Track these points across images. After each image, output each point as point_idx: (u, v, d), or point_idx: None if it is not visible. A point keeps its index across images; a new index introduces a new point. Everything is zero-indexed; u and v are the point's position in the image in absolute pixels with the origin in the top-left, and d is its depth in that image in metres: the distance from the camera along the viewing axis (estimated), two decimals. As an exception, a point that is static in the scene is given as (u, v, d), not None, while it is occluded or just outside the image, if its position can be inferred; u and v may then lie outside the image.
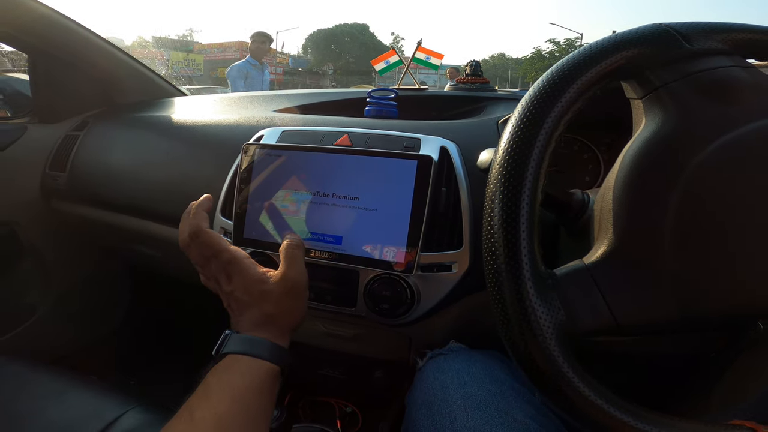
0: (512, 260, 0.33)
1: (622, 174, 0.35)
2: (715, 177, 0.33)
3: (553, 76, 0.36)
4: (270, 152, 0.61)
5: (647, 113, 0.37)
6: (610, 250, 0.35)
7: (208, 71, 27.26)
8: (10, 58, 1.80)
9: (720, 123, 0.34)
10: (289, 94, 0.93)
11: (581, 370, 0.33)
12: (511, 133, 0.36)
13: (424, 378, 0.56)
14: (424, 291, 0.57)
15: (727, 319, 0.35)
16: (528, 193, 0.34)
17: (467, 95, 0.89)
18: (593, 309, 0.34)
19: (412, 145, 0.59)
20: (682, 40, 0.35)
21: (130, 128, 0.93)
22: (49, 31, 0.95)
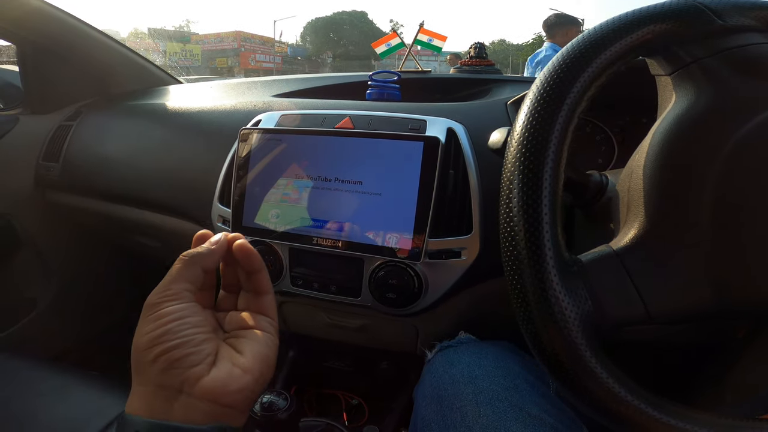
0: (534, 246, 0.31)
1: (653, 151, 0.34)
2: (752, 156, 0.32)
3: (577, 48, 0.34)
4: (268, 137, 0.58)
5: (678, 89, 0.35)
6: (642, 233, 0.33)
7: (206, 61, 27.14)
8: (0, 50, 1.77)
9: (757, 100, 0.32)
10: (287, 79, 0.91)
11: (611, 364, 0.30)
12: (530, 109, 0.33)
13: (433, 371, 0.54)
14: (432, 279, 0.55)
15: (759, 305, 0.33)
16: (550, 173, 0.31)
17: (472, 77, 0.87)
18: (624, 298, 0.31)
19: (418, 127, 0.56)
20: (714, 16, 0.34)
21: (125, 117, 0.91)
22: (42, 23, 0.93)
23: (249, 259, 0.36)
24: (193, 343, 0.30)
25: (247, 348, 0.33)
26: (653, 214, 0.33)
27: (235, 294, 0.39)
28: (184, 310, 0.31)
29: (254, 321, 0.36)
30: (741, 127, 0.32)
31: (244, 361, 0.32)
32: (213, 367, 0.30)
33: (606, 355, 0.31)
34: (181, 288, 0.32)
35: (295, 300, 0.65)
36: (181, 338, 0.30)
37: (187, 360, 0.29)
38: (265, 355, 0.33)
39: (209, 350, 0.31)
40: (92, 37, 1.01)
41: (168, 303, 0.31)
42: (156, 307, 0.31)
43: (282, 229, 0.57)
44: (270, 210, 0.57)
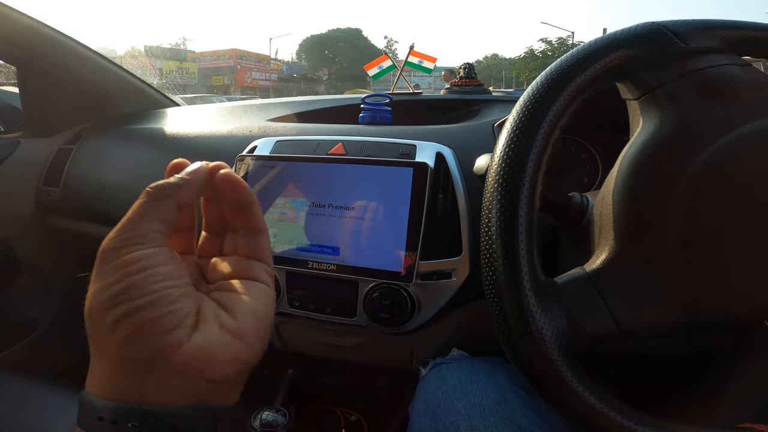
0: (511, 270, 0.33)
1: (621, 178, 0.35)
2: (716, 178, 0.33)
3: (547, 79, 0.36)
4: (264, 163, 0.60)
5: (644, 114, 0.36)
6: (611, 256, 0.34)
7: (203, 79, 27.27)
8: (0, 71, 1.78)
9: (720, 123, 0.34)
10: (282, 102, 0.93)
11: (586, 378, 0.32)
12: (506, 140, 0.35)
13: (427, 387, 0.55)
14: (424, 299, 0.56)
15: (732, 319, 0.35)
16: (525, 200, 0.33)
17: (462, 98, 0.89)
18: (596, 316, 0.33)
19: (408, 152, 0.58)
20: (677, 39, 0.35)
21: (124, 141, 0.92)
22: (36, 42, 0.93)
23: (237, 191, 0.28)
24: (167, 301, 0.23)
25: (239, 305, 0.26)
26: (621, 239, 0.34)
27: (220, 236, 0.31)
28: (153, 257, 0.24)
29: (246, 268, 0.29)
30: (703, 151, 0.33)
31: (235, 322, 0.25)
32: (195, 331, 0.24)
33: (584, 369, 0.32)
34: (149, 228, 0.24)
35: (292, 320, 0.66)
36: (151, 294, 0.23)
37: (161, 323, 0.22)
38: (262, 314, 0.27)
39: (189, 309, 0.24)
40: (89, 58, 1.02)
41: (131, 248, 0.23)
42: (115, 253, 0.23)
43: (279, 251, 0.59)
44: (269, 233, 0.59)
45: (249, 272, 0.28)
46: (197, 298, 0.25)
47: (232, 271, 0.28)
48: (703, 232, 0.33)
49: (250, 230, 0.29)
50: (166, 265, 0.24)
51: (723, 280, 0.33)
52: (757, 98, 0.34)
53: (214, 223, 0.31)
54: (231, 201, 0.29)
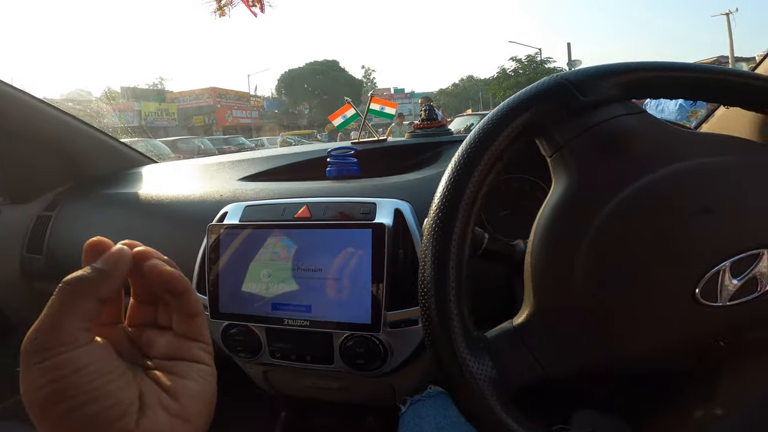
0: (444, 329, 0.35)
1: (536, 240, 0.37)
2: (617, 234, 0.35)
3: (465, 150, 0.37)
4: (234, 231, 0.64)
5: (555, 174, 0.38)
6: (532, 311, 0.37)
7: (183, 120, 27.02)
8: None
9: (617, 178, 0.35)
10: (252, 158, 0.97)
11: (519, 415, 0.34)
12: (433, 212, 0.37)
13: (405, 424, 0.59)
14: (395, 345, 0.60)
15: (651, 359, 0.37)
16: (454, 268, 0.35)
17: (424, 142, 0.93)
18: (524, 366, 0.35)
19: (368, 211, 0.62)
20: (576, 92, 0.36)
21: (101, 207, 0.95)
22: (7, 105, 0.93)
23: (167, 282, 0.27)
24: (107, 394, 0.23)
25: (181, 388, 0.26)
26: (539, 296, 0.36)
27: (152, 305, 0.30)
28: (84, 356, 0.23)
29: (185, 348, 0.28)
30: (602, 209, 0.35)
31: (180, 406, 0.25)
32: (142, 416, 0.23)
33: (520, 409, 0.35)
34: (73, 327, 0.24)
35: (277, 368, 0.69)
36: (90, 392, 0.22)
37: (106, 415, 0.22)
38: (206, 395, 0.27)
39: (131, 397, 0.24)
40: (58, 118, 1.03)
41: (59, 349, 0.23)
42: (42, 354, 0.23)
43: (255, 312, 0.62)
44: (240, 294, 0.63)
45: (188, 353, 0.28)
46: (137, 382, 0.25)
47: (171, 352, 0.28)
48: (607, 283, 0.35)
49: (185, 314, 0.28)
50: (99, 362, 0.24)
51: (632, 323, 0.35)
52: (651, 148, 0.36)
53: (144, 293, 0.30)
54: (161, 290, 0.28)
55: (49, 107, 1.02)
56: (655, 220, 0.35)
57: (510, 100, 0.38)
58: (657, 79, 0.39)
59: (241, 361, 0.69)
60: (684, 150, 0.36)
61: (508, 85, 25.78)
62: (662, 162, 0.36)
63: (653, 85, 0.39)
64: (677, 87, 0.40)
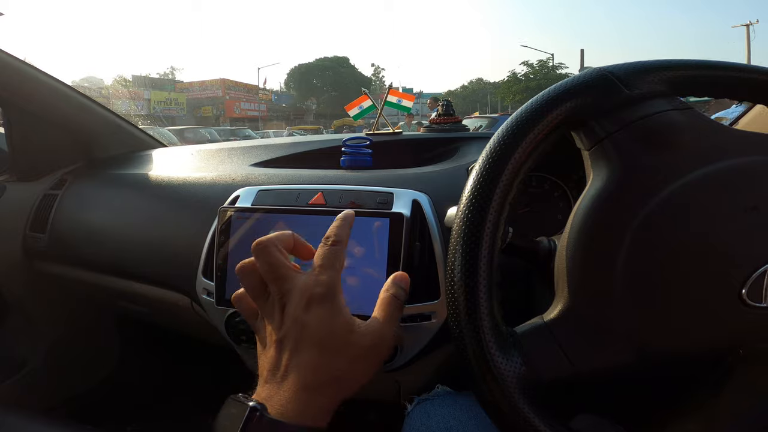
0: (473, 323, 0.34)
1: (573, 233, 0.36)
2: (660, 230, 0.34)
3: (500, 140, 0.36)
4: (246, 215, 0.62)
5: (594, 167, 0.37)
6: (566, 307, 0.36)
7: (191, 110, 27.15)
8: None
9: (661, 174, 0.34)
10: (265, 145, 0.95)
11: (546, 414, 0.33)
12: (465, 202, 0.36)
13: (411, 423, 0.57)
14: (406, 340, 0.58)
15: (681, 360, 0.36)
16: (485, 259, 0.35)
17: (440, 137, 0.92)
18: (554, 362, 0.34)
19: (385, 200, 0.60)
20: (621, 85, 0.35)
21: (110, 187, 0.94)
22: (17, 81, 0.94)
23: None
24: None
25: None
26: (573, 291, 0.35)
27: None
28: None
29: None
30: (647, 203, 0.34)
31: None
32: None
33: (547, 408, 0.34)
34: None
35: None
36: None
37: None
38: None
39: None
40: (72, 98, 1.03)
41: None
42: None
43: None
44: None
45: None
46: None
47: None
48: (649, 282, 0.34)
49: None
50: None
51: (668, 326, 0.34)
52: (697, 145, 0.35)
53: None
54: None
55: (69, 89, 1.02)
56: (701, 217, 0.34)
57: (551, 89, 0.37)
58: (705, 77, 0.38)
59: (242, 351, 0.67)
60: (732, 147, 0.35)
61: (517, 90, 25.73)
62: (709, 159, 0.35)
63: (700, 83, 0.38)
64: (725, 86, 0.39)
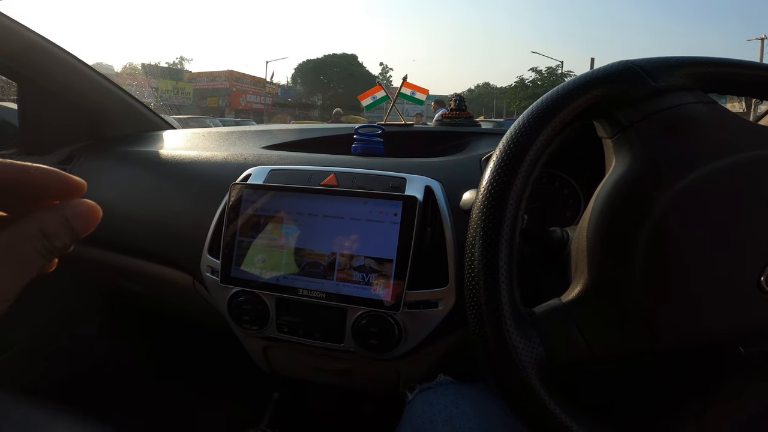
0: (493, 302, 0.34)
1: (594, 216, 0.37)
2: (681, 216, 0.35)
3: (527, 119, 0.37)
4: (257, 192, 0.61)
5: (617, 153, 0.38)
6: (585, 289, 0.36)
7: (198, 100, 27.21)
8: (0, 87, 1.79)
9: (684, 162, 0.35)
10: (277, 129, 0.95)
11: (565, 401, 0.34)
12: (488, 179, 0.37)
13: (413, 412, 0.56)
14: (411, 327, 0.58)
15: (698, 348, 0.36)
16: (507, 236, 0.35)
17: (452, 131, 0.92)
18: (571, 343, 0.35)
19: (398, 185, 0.60)
20: (647, 77, 0.36)
21: (119, 163, 0.93)
22: (39, 59, 0.94)
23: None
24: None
25: None
26: (593, 272, 0.36)
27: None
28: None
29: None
30: (669, 190, 0.35)
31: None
32: None
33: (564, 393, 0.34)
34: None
35: (279, 344, 0.67)
36: None
37: None
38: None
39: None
40: (89, 76, 1.03)
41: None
42: None
43: (268, 279, 0.60)
44: (256, 255, 0.60)
45: None
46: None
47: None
48: (668, 267, 0.35)
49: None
50: None
51: (685, 310, 0.35)
52: (720, 137, 0.36)
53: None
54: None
55: (81, 63, 1.01)
56: (722, 206, 0.35)
57: (578, 77, 0.38)
58: (730, 75, 0.39)
59: (243, 333, 0.67)
60: (753, 141, 0.36)
61: (524, 96, 25.73)
62: (732, 150, 0.35)
63: (725, 80, 0.39)
64: (749, 85, 0.39)
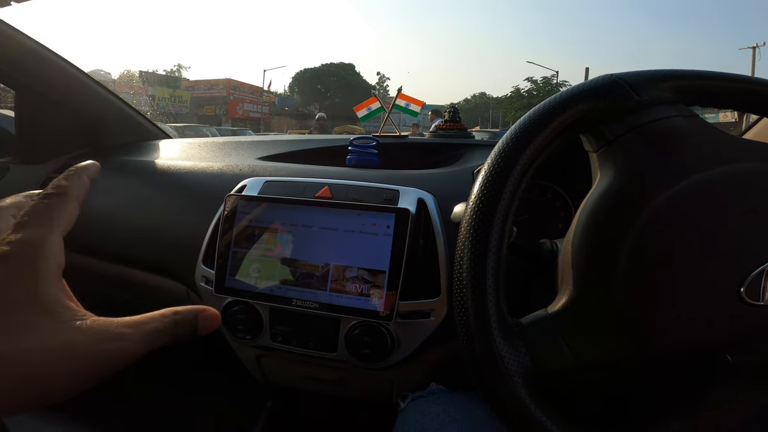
0: (480, 313, 0.35)
1: (579, 228, 0.38)
2: (664, 228, 0.36)
3: (515, 134, 0.38)
4: (252, 203, 0.62)
5: (601, 167, 0.39)
6: (570, 299, 0.37)
7: (195, 108, 27.19)
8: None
9: (667, 175, 0.36)
10: (272, 140, 0.96)
11: (550, 409, 0.34)
12: (476, 194, 0.38)
13: (405, 421, 0.57)
14: (403, 337, 0.58)
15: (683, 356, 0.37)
16: (494, 249, 0.36)
17: (445, 143, 0.93)
18: (556, 352, 0.36)
19: (391, 197, 0.61)
20: (631, 91, 0.37)
21: (115, 172, 0.93)
22: (37, 66, 0.94)
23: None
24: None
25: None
26: (578, 283, 0.37)
27: None
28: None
29: None
30: (651, 203, 0.36)
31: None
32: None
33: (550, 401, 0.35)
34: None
35: (273, 354, 0.67)
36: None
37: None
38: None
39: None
40: (88, 85, 1.03)
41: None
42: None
43: (262, 289, 0.60)
44: (251, 265, 0.61)
45: None
46: None
47: None
48: (650, 278, 0.36)
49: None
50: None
51: (668, 318, 0.35)
52: (702, 150, 0.37)
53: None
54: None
55: (79, 71, 1.02)
56: (703, 217, 0.36)
57: (565, 92, 0.39)
58: (711, 88, 0.40)
59: (236, 343, 0.67)
60: (734, 154, 0.37)
61: (520, 106, 25.92)
62: (712, 163, 0.36)
63: (707, 93, 0.40)
64: (731, 97, 0.40)
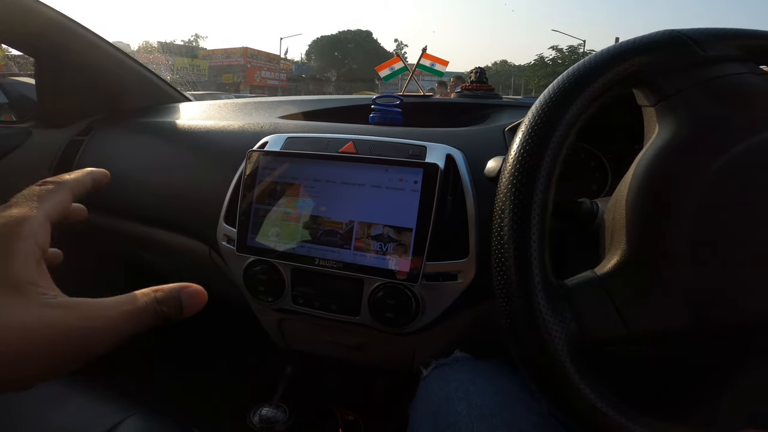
0: (522, 271, 0.33)
1: (635, 183, 0.35)
2: (730, 186, 0.33)
3: (564, 82, 0.36)
4: (274, 159, 0.60)
5: (660, 121, 0.36)
6: (623, 260, 0.34)
7: (213, 77, 27.37)
8: (17, 62, 1.81)
9: (735, 131, 0.34)
10: (293, 100, 0.93)
11: (595, 380, 0.32)
12: (520, 141, 0.35)
13: (428, 388, 0.56)
14: (428, 300, 0.56)
15: (740, 328, 0.35)
16: (539, 202, 0.33)
17: (472, 102, 0.89)
18: (606, 319, 0.33)
19: (418, 153, 0.58)
20: (696, 47, 0.35)
21: (135, 134, 0.93)
22: (58, 35, 0.95)
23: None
24: None
25: None
26: (633, 243, 0.34)
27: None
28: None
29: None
30: (718, 159, 0.33)
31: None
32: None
33: (592, 372, 0.32)
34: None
35: (294, 317, 0.66)
36: None
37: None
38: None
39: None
40: (107, 51, 1.03)
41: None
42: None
43: (284, 249, 0.59)
44: (273, 223, 0.59)
45: None
46: None
47: None
48: (714, 238, 0.33)
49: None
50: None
51: (732, 286, 0.33)
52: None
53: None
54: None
55: (98, 38, 1.01)
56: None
57: (618, 44, 0.37)
58: None
59: (258, 306, 0.67)
60: None
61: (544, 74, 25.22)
62: None
63: None
64: None
